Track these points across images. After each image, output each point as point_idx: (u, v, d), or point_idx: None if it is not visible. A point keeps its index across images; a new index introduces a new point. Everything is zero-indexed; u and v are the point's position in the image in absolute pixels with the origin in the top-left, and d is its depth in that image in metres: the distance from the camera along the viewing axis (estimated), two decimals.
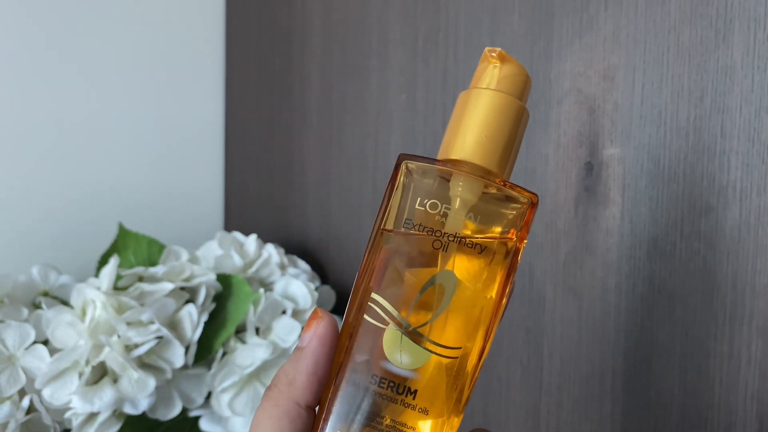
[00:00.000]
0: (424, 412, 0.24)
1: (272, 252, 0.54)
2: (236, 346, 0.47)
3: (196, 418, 0.49)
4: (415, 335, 0.24)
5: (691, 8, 0.31)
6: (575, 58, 0.36)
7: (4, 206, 0.61)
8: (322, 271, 0.59)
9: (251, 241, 0.55)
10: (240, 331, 0.49)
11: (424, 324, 0.24)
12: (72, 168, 0.65)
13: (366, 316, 0.24)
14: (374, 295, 0.24)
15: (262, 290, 0.49)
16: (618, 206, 0.35)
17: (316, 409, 0.24)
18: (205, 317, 0.47)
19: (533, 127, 0.39)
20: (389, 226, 0.24)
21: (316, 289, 0.52)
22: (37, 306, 0.49)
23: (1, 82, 0.61)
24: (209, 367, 0.47)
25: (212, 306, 0.49)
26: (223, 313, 0.49)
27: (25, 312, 0.47)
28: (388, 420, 0.24)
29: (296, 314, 0.50)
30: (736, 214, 0.30)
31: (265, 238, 0.63)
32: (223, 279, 0.50)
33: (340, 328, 0.25)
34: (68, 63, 0.64)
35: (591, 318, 0.36)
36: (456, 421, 0.24)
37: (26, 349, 0.44)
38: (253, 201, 0.70)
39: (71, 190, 0.64)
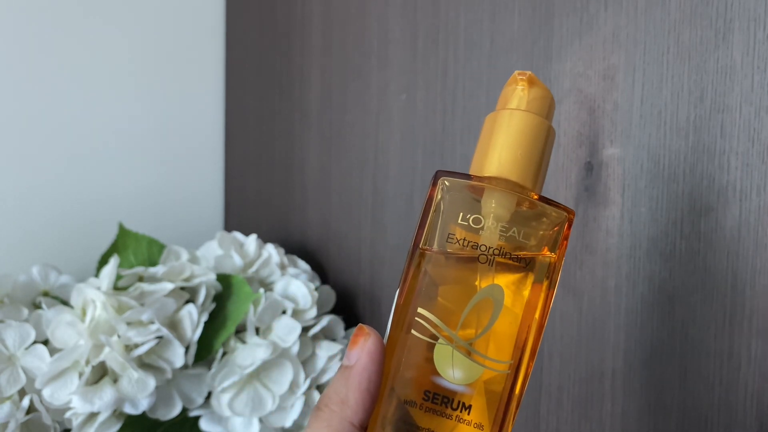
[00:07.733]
0: (480, 427, 0.24)
1: (272, 252, 0.54)
2: (236, 346, 0.47)
3: (196, 418, 0.49)
4: (466, 350, 0.24)
5: (691, 8, 0.31)
6: (575, 58, 0.36)
7: (5, 207, 0.61)
8: (322, 271, 0.59)
9: (251, 241, 0.55)
10: (240, 331, 0.49)
11: (475, 338, 0.24)
12: (72, 168, 0.65)
13: (414, 332, 0.24)
14: (421, 311, 0.24)
15: (262, 290, 0.49)
16: (618, 206, 0.35)
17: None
18: (205, 317, 0.47)
19: None
20: (430, 243, 0.24)
21: (316, 289, 0.52)
22: (37, 306, 0.49)
23: (0, 84, 0.61)
24: (209, 367, 0.47)
25: (212, 306, 0.49)
26: (223, 313, 0.49)
27: (25, 312, 0.47)
28: None
29: (296, 314, 0.50)
30: (736, 214, 0.30)
31: (265, 238, 0.63)
32: (223, 279, 0.50)
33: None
34: (67, 64, 0.64)
35: (591, 318, 0.36)
36: None
37: (26, 349, 0.44)
38: (253, 201, 0.70)
39: (71, 191, 0.64)
